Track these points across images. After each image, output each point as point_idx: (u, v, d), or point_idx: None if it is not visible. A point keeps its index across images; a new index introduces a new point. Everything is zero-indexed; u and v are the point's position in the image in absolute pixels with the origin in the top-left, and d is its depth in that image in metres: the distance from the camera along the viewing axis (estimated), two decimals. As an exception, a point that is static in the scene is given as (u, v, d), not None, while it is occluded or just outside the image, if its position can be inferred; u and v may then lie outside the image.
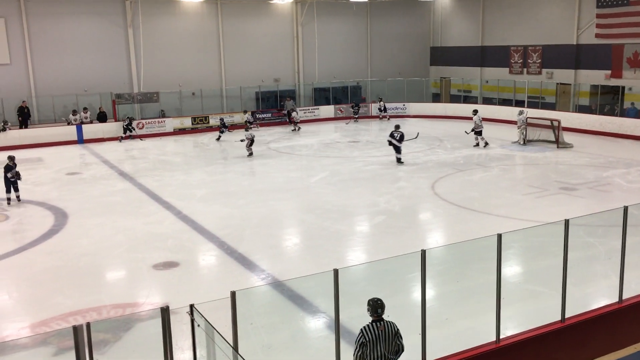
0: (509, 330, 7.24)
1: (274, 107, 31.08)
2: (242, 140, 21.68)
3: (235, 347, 5.43)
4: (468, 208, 14.36)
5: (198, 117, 28.56)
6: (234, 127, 27.74)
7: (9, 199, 15.57)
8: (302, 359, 7.81)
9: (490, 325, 6.92)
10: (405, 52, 35.91)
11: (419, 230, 13.36)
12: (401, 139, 19.48)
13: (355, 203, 15.19)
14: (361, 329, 5.76)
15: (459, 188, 16.48)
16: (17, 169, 15.73)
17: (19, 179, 15.71)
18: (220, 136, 25.79)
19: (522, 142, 22.57)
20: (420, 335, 6.37)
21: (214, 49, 30.77)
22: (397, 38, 35.50)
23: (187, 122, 28.39)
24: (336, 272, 5.79)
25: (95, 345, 5.00)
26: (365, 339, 5.71)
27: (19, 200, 15.75)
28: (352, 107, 31.35)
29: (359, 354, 5.76)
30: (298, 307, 9.06)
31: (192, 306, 5.33)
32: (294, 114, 29.07)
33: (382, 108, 31.65)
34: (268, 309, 8.93)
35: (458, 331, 8.10)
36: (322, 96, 33.02)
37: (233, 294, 5.40)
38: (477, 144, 22.01)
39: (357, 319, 7.10)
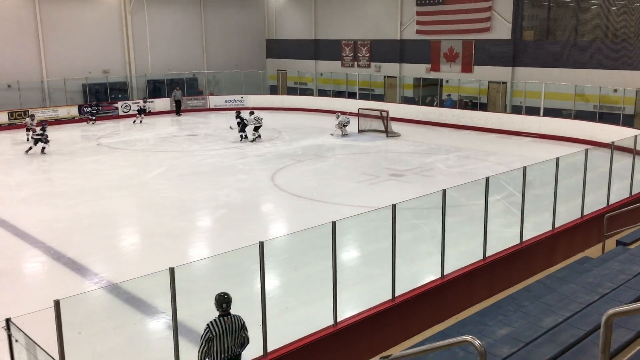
0: (347, 312, 7.55)
1: (104, 100, 29.26)
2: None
3: (62, 360, 5.03)
4: (307, 197, 14.76)
5: (16, 112, 25.95)
6: (50, 123, 25.53)
7: None
8: (141, 363, 7.48)
9: (329, 310, 7.17)
10: (241, 44, 35.81)
11: (260, 222, 13.44)
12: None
13: (195, 198, 14.87)
14: (207, 324, 5.67)
15: (297, 178, 16.87)
16: None
17: None
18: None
19: (341, 135, 23.39)
20: (261, 327, 6.41)
21: (32, 37, 28.09)
22: (233, 30, 35.28)
23: (3, 118, 25.67)
24: (172, 270, 5.62)
25: None
26: (212, 334, 5.62)
27: None
28: (92, 106, 27.57)
29: (204, 349, 5.65)
30: (136, 310, 8.65)
31: (8, 320, 4.83)
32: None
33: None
34: (101, 315, 8.40)
35: (299, 318, 8.29)
36: (156, 88, 31.79)
37: (57, 303, 4.99)
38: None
39: (199, 315, 6.97)
